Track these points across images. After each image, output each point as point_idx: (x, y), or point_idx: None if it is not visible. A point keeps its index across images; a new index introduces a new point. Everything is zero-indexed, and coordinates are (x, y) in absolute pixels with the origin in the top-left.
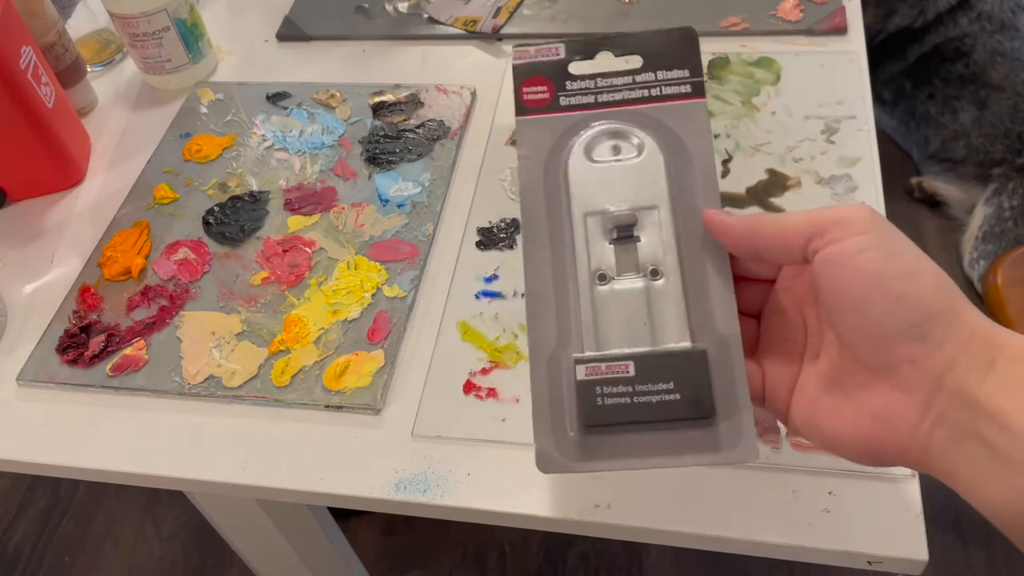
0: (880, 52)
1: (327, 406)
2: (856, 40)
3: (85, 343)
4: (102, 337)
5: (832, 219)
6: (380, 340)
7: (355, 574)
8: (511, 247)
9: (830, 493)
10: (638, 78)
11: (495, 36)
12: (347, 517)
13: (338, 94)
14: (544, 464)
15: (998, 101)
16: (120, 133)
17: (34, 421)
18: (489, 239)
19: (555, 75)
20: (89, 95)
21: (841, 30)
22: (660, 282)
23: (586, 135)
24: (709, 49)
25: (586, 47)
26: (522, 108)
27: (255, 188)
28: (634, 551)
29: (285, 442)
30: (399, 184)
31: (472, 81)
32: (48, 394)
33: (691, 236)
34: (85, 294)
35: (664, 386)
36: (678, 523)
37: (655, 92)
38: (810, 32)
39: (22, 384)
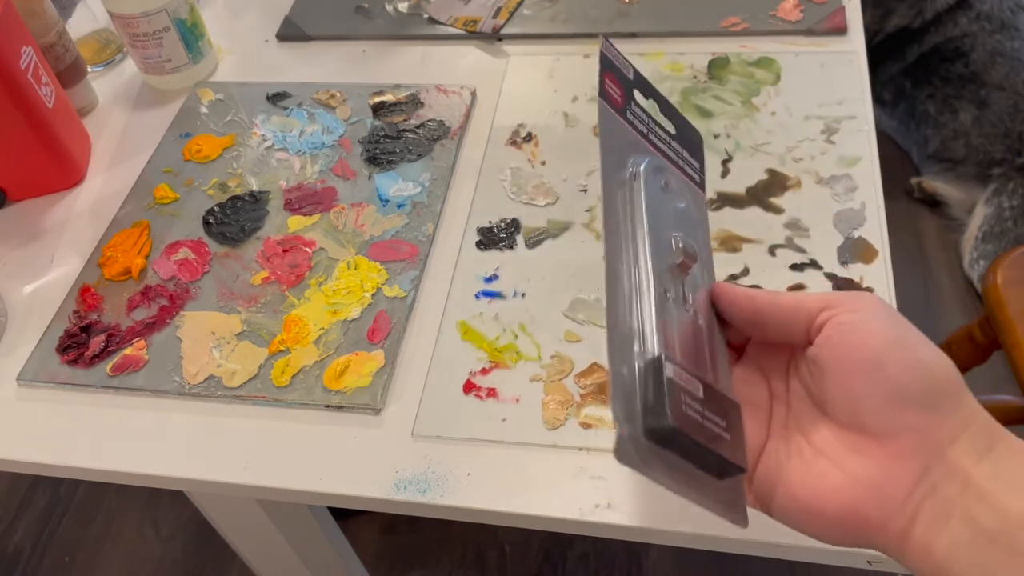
0: (880, 52)
1: (327, 406)
2: (856, 40)
3: (85, 343)
4: (102, 337)
5: (848, 295)
6: (380, 340)
7: (355, 574)
8: (511, 247)
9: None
10: (673, 143)
11: (495, 36)
12: (347, 517)
13: (338, 94)
14: (624, 454)
15: (998, 101)
16: (120, 133)
17: (34, 421)
18: (489, 239)
19: (626, 88)
20: (89, 95)
21: (841, 30)
22: (701, 324)
23: (655, 159)
24: (709, 49)
25: (644, 87)
26: (604, 95)
27: (255, 188)
28: (634, 551)
29: (285, 442)
30: (399, 184)
31: (472, 81)
32: (48, 394)
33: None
34: (85, 294)
35: (719, 422)
36: (678, 523)
37: (680, 164)
38: (810, 32)
39: (22, 384)
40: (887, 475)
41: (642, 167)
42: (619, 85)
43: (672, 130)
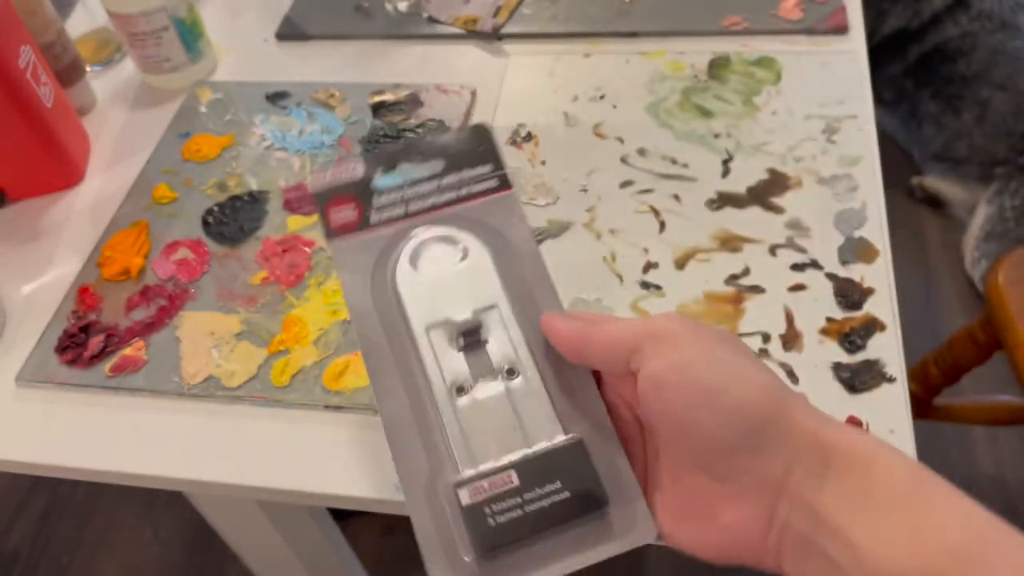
0: (880, 53)
1: (327, 406)
2: (857, 39)
3: (84, 343)
4: (101, 337)
5: (647, 335)
6: None
7: (354, 575)
8: None
9: None
10: (443, 181)
11: (495, 35)
12: (346, 518)
13: (337, 93)
14: None
15: (1000, 101)
16: (119, 133)
17: (33, 421)
18: None
19: (360, 193)
20: (88, 95)
21: (842, 29)
22: (518, 380)
23: (407, 248)
24: (709, 48)
25: (386, 159)
26: (332, 232)
27: (254, 188)
28: (634, 553)
29: (284, 443)
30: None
31: (472, 81)
32: (47, 394)
33: (537, 328)
34: (84, 294)
35: (551, 487)
36: None
37: (464, 192)
38: (811, 31)
39: (21, 384)
40: (739, 519)
41: (398, 275)
42: (350, 200)
43: (440, 167)
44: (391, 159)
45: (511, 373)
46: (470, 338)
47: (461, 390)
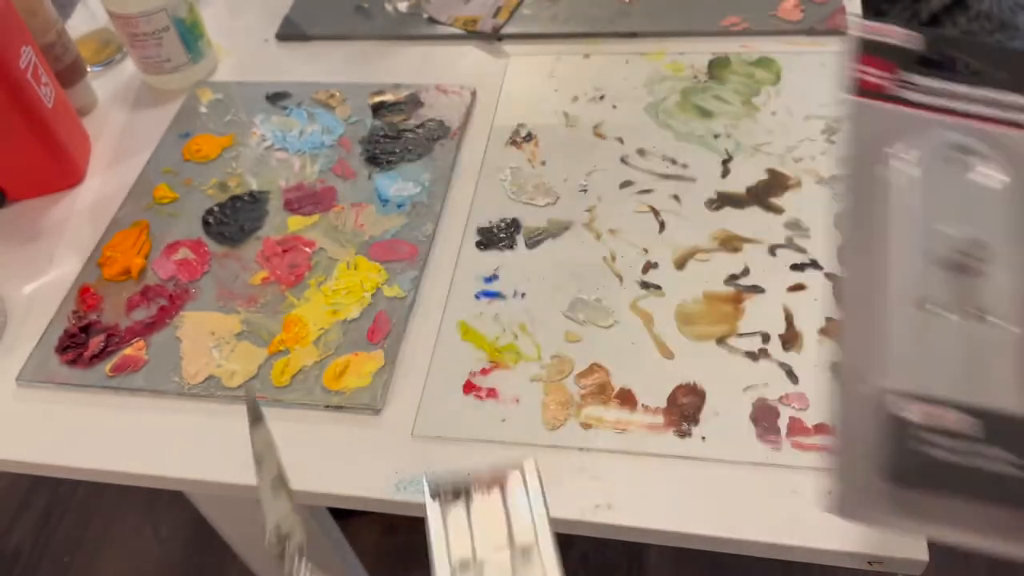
0: None
1: (327, 406)
2: None
3: (84, 343)
4: (101, 337)
5: None
6: (380, 340)
7: (354, 575)
8: (511, 247)
9: (830, 493)
10: (1002, 97)
11: (495, 36)
12: (346, 517)
13: (338, 94)
14: (847, 510)
15: None
16: (119, 133)
17: (33, 421)
18: (489, 239)
19: (901, 61)
20: (89, 95)
21: (842, 30)
22: (997, 331)
23: (935, 140)
24: (709, 49)
25: (940, 44)
26: (854, 87)
27: (255, 188)
28: (634, 551)
29: (285, 442)
30: (399, 184)
31: (472, 81)
32: (47, 394)
33: None
34: (84, 294)
35: (1010, 457)
36: (678, 523)
37: (1012, 116)
38: (811, 32)
39: (21, 384)
40: None
41: (911, 162)
42: (887, 65)
43: (1002, 79)
44: (945, 46)
45: (984, 316)
46: (963, 261)
47: (925, 306)
